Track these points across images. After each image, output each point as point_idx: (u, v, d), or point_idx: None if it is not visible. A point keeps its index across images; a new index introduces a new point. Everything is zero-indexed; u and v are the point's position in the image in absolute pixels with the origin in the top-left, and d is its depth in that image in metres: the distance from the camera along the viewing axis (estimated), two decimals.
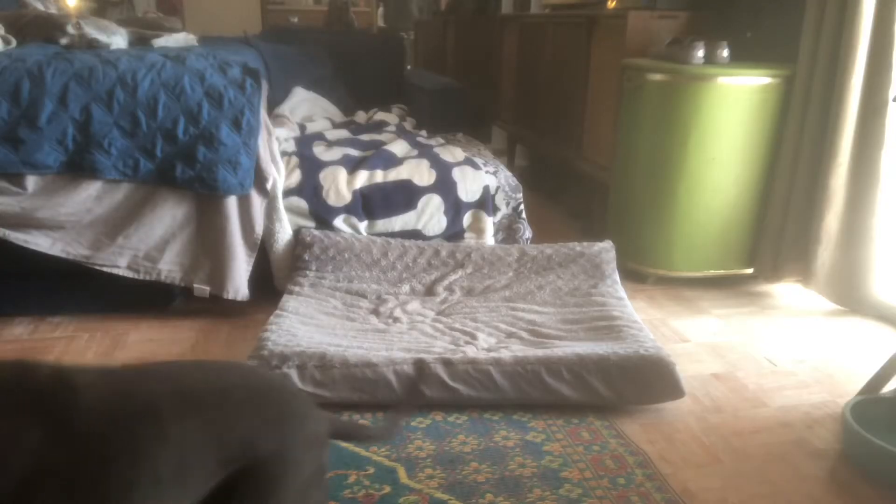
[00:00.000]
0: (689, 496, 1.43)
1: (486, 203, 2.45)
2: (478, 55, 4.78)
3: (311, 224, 2.32)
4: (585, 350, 1.78)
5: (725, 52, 2.43)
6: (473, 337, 1.94)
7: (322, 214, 2.32)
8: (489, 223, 2.46)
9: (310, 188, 2.32)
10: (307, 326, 1.92)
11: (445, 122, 3.18)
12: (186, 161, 2.10)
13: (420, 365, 1.71)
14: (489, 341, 1.93)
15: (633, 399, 1.74)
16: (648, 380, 1.73)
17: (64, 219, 2.06)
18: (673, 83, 2.40)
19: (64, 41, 2.43)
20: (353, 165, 2.42)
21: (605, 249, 2.35)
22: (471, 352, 1.82)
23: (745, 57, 2.56)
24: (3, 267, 2.09)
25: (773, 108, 2.39)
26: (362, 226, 2.36)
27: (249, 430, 0.94)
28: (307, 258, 2.25)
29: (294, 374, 1.69)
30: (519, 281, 2.28)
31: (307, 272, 2.23)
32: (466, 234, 2.45)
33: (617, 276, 2.30)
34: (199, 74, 2.16)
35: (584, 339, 1.91)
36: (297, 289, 2.15)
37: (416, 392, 1.62)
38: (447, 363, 1.72)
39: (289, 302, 2.05)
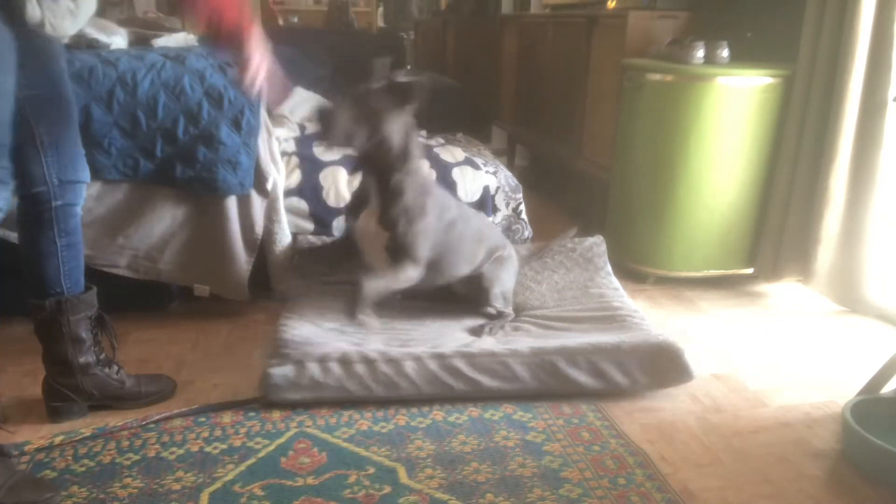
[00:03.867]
0: (689, 496, 1.43)
1: (485, 203, 2.45)
2: (478, 55, 4.78)
3: (311, 225, 2.32)
4: (598, 340, 1.80)
5: (725, 52, 2.43)
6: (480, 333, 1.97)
7: (322, 216, 2.32)
8: None
9: (310, 188, 2.32)
10: (316, 327, 1.91)
11: (445, 122, 3.18)
12: (186, 161, 2.10)
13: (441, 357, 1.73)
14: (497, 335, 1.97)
15: (647, 385, 1.77)
16: (660, 366, 1.76)
17: None
18: (673, 83, 2.40)
19: (64, 41, 2.42)
20: (353, 166, 2.41)
21: (596, 244, 2.40)
22: (487, 344, 1.84)
23: (745, 57, 2.56)
24: (4, 267, 2.08)
25: (773, 108, 2.39)
26: None
27: (497, 241, 2.16)
28: (304, 261, 2.25)
29: (316, 370, 1.69)
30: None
31: (306, 273, 2.23)
32: None
33: (609, 269, 2.33)
34: (199, 74, 2.16)
35: (591, 331, 1.93)
36: (298, 290, 2.15)
37: None
38: (467, 355, 1.74)
39: (295, 303, 2.05)
